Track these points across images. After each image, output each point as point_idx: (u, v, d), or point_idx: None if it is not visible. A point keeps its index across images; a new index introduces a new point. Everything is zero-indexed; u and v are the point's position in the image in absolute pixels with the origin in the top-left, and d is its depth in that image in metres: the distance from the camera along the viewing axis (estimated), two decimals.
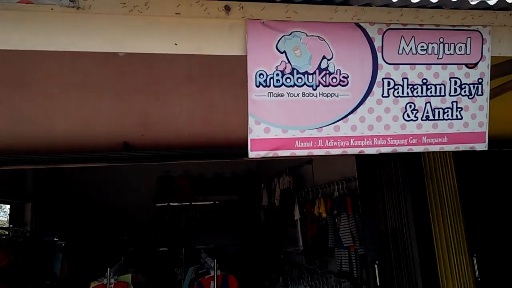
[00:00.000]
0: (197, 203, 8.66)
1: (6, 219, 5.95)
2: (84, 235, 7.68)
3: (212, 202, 8.68)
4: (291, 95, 2.25)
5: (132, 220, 7.53)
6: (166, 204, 8.51)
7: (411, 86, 2.35)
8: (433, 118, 2.39)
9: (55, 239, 6.04)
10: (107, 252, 7.94)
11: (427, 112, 2.39)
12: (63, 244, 6.05)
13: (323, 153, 2.32)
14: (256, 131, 2.29)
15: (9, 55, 3.00)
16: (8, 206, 6.35)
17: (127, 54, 2.22)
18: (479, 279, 3.47)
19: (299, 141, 2.32)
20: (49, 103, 3.24)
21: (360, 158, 3.59)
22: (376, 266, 3.38)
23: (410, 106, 2.36)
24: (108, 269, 4.22)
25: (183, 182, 8.66)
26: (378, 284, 3.36)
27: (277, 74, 2.21)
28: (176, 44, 2.01)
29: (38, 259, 5.03)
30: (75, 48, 1.94)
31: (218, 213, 8.59)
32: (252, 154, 2.32)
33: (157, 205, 8.49)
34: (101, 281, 4.25)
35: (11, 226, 5.42)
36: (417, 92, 2.37)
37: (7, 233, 4.65)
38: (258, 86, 2.21)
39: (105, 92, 3.28)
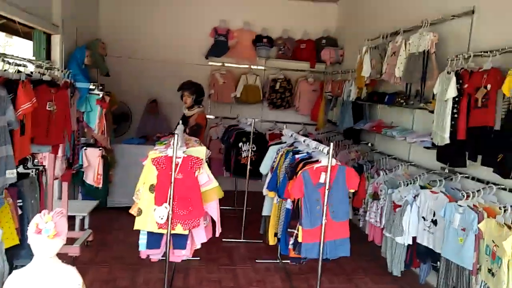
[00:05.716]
0: (258, 67, 7.00)
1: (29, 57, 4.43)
2: (124, 89, 6.36)
3: (277, 68, 7.01)
4: None
5: (180, 79, 5.97)
6: (220, 64, 6.88)
7: None
8: None
9: (91, 87, 4.64)
10: (149, 112, 6.71)
11: None
12: (100, 95, 4.66)
13: None
14: None
15: None
16: (31, 43, 4.79)
17: None
18: None
19: None
20: None
21: None
22: None
23: None
24: (176, 135, 2.78)
25: (244, 38, 6.88)
26: None
27: None
28: None
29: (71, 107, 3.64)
30: None
31: (283, 82, 6.97)
32: None
33: (210, 63, 6.88)
34: (163, 152, 2.87)
35: (33, 58, 3.93)
36: None
37: (28, 67, 3.18)
38: None
39: None
